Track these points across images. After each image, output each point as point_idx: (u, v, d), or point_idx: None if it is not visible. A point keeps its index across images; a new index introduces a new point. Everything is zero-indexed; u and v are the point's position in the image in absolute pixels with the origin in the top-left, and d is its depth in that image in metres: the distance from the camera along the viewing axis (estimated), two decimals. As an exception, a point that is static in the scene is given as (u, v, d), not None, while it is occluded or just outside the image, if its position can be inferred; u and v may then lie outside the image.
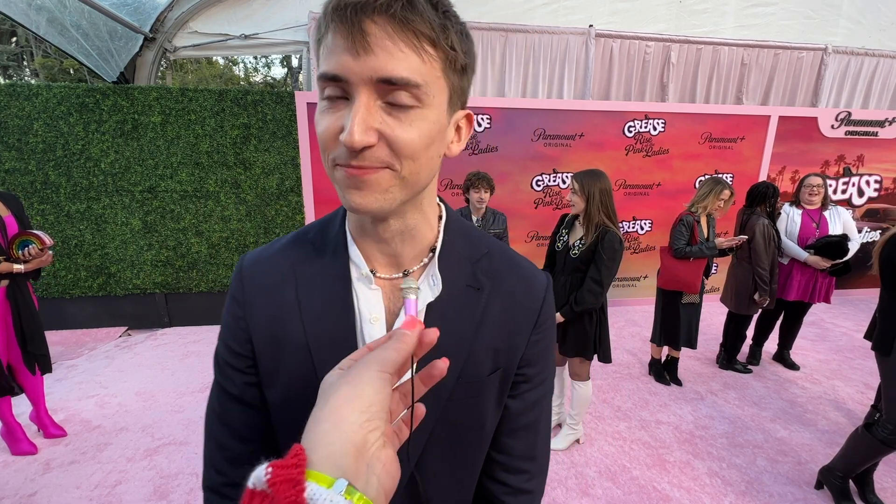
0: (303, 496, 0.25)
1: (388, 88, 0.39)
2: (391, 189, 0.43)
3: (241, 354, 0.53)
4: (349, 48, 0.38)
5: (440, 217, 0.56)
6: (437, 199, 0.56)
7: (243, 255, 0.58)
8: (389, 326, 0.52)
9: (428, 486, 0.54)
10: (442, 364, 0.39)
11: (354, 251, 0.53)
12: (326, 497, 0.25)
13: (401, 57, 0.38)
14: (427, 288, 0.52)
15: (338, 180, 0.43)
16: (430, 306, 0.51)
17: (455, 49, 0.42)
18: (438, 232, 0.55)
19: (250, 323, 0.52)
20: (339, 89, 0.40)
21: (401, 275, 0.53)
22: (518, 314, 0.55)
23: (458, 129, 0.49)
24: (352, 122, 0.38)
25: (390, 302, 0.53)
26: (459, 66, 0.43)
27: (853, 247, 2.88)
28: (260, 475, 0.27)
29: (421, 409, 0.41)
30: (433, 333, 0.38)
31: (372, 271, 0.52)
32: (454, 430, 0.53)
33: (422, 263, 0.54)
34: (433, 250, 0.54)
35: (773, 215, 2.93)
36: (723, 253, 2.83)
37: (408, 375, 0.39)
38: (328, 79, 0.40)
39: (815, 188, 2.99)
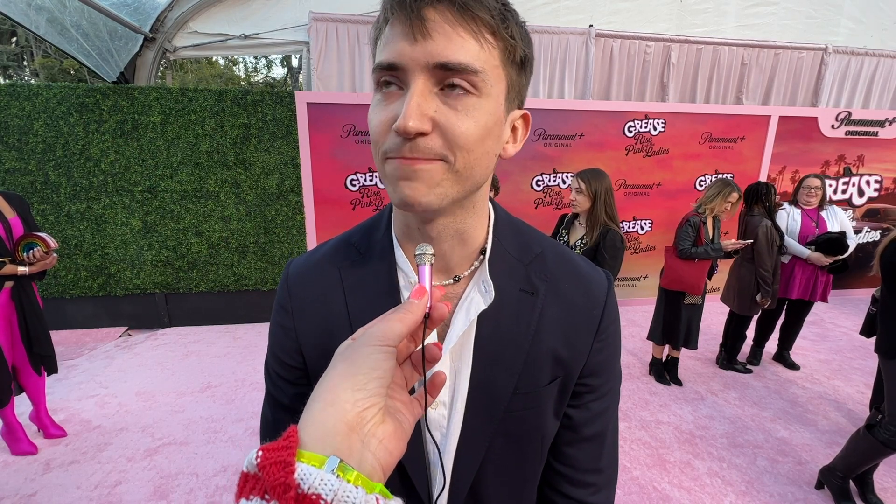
0: (291, 478, 0.25)
1: (445, 75, 0.38)
2: (442, 183, 0.41)
3: (292, 366, 0.52)
4: (407, 35, 0.37)
5: (489, 216, 0.53)
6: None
7: (289, 262, 0.56)
8: (441, 334, 0.50)
9: (488, 498, 0.53)
10: (444, 307, 0.38)
11: (401, 256, 0.50)
12: (317, 476, 0.25)
13: (459, 42, 0.37)
14: (478, 295, 0.49)
15: (388, 174, 0.41)
16: (482, 315, 0.48)
17: (515, 39, 0.40)
18: (488, 232, 0.51)
19: (300, 333, 0.51)
20: (394, 79, 0.39)
21: (451, 281, 0.50)
22: (577, 320, 0.51)
23: (513, 129, 0.47)
24: (406, 107, 0.37)
25: None
26: (519, 59, 0.42)
27: (851, 244, 2.90)
28: (251, 458, 0.26)
29: (440, 377, 0.40)
30: (444, 309, 0.38)
31: None
32: (512, 442, 0.51)
33: (472, 268, 0.51)
34: (483, 252, 0.51)
35: (772, 213, 2.92)
36: (728, 255, 2.81)
37: (429, 342, 0.39)
38: (384, 68, 0.39)
39: (812, 190, 3.00)
